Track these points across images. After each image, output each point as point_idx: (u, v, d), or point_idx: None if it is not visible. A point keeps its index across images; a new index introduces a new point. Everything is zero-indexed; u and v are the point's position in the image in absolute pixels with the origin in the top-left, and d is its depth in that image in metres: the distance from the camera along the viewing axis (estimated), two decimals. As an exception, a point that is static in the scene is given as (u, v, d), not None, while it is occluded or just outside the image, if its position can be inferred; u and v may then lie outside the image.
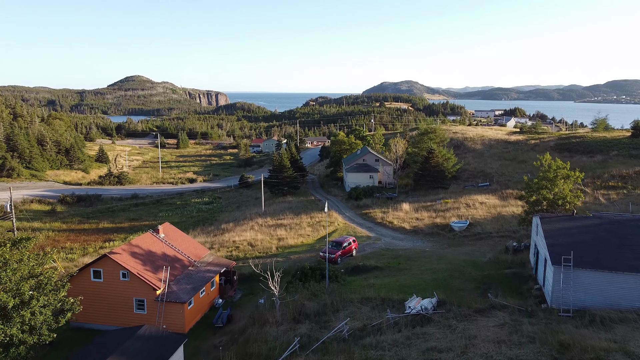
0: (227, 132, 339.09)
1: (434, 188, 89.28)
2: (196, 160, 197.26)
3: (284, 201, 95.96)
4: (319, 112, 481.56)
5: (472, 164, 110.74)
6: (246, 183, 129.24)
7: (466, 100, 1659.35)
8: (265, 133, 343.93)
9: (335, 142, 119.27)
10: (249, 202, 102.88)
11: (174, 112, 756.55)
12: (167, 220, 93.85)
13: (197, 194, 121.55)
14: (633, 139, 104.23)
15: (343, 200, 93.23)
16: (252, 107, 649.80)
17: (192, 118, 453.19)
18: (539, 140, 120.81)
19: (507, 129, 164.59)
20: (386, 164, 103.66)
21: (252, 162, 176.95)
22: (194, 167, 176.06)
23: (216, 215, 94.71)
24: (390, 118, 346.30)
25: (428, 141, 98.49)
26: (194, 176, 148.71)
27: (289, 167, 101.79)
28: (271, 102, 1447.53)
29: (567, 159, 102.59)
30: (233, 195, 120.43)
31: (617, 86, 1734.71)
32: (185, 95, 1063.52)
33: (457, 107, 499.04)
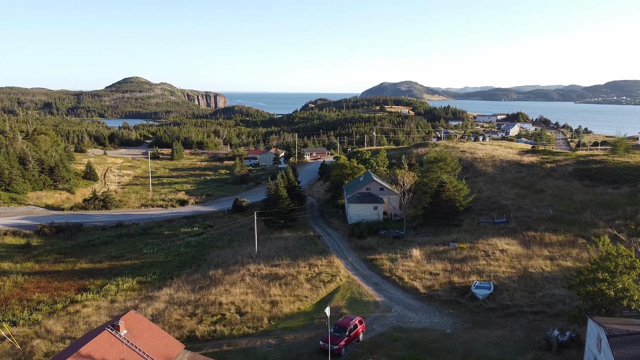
0: (224, 140, 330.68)
1: (445, 226, 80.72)
2: (190, 175, 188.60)
3: (280, 237, 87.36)
4: (318, 117, 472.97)
5: (485, 191, 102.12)
6: (240, 207, 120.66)
7: (466, 100, 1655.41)
8: (264, 141, 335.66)
9: (336, 166, 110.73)
10: (242, 235, 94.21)
11: (172, 115, 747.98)
12: (152, 260, 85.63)
13: (187, 221, 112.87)
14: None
15: (345, 236, 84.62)
16: (251, 110, 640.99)
17: (189, 124, 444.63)
18: (555, 164, 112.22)
19: (518, 146, 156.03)
20: (392, 193, 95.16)
21: (248, 179, 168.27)
22: (187, 184, 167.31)
23: (205, 253, 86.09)
24: (392, 125, 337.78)
25: (438, 170, 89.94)
26: (185, 197, 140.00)
27: (285, 197, 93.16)
28: (270, 103, 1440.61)
29: (589, 189, 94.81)
30: (226, 222, 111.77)
31: (617, 87, 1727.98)
32: (183, 97, 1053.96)
33: (459, 112, 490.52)
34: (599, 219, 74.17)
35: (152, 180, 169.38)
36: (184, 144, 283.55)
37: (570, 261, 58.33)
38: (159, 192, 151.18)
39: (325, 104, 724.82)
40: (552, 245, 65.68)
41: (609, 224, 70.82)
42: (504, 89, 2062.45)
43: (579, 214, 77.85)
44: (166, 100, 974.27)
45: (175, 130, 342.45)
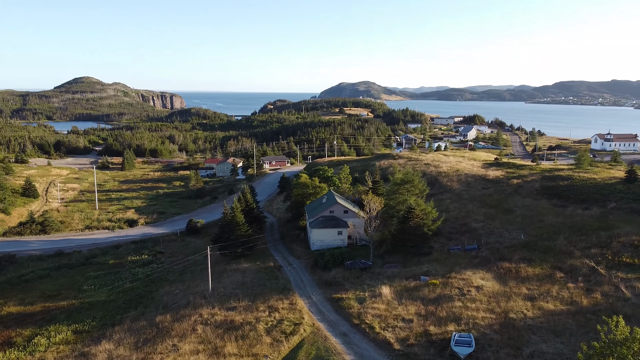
0: (180, 147, 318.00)
1: (415, 255, 75.73)
2: (141, 189, 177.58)
3: (237, 268, 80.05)
4: (277, 120, 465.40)
5: (452, 211, 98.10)
6: (194, 229, 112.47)
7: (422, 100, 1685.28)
8: (221, 146, 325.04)
9: (298, 186, 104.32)
10: (196, 267, 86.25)
11: (125, 117, 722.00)
12: (92, 300, 76.27)
13: (136, 246, 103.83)
14: (628, 184, 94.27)
15: (308, 267, 78.31)
16: (208, 113, 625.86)
17: (143, 128, 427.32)
18: (521, 180, 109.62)
19: (481, 157, 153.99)
20: (357, 215, 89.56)
21: (203, 193, 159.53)
22: (138, 199, 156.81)
23: (154, 289, 77.87)
24: (352, 130, 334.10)
25: (405, 192, 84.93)
26: (135, 216, 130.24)
27: (242, 223, 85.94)
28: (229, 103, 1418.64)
29: (559, 209, 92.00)
30: (178, 248, 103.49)
31: (565, 87, 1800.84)
32: (138, 97, 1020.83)
33: (417, 115, 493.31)
34: (573, 246, 70.84)
35: (100, 195, 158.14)
36: (137, 151, 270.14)
37: (552, 302, 54.18)
38: (106, 209, 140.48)
39: (285, 106, 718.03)
40: (529, 280, 61.49)
41: (584, 253, 67.47)
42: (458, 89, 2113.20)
43: (552, 240, 74.43)
44: (119, 101, 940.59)
45: (128, 136, 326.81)
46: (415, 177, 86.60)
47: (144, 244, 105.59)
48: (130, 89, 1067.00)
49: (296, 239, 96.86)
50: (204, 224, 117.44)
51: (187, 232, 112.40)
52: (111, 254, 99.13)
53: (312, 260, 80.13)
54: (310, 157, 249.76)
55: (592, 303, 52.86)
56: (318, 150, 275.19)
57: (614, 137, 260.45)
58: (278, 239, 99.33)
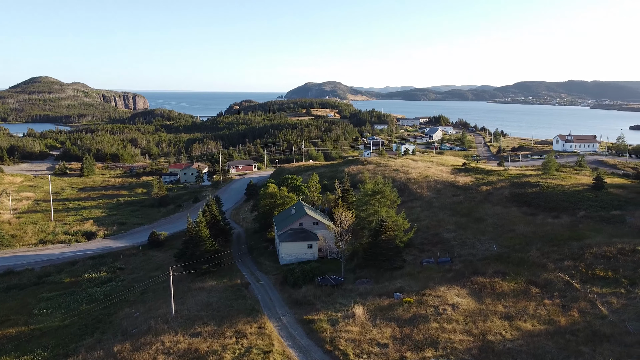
0: (142, 150, 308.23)
1: (387, 269, 73.52)
2: (101, 197, 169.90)
3: (202, 287, 75.96)
4: (243, 122, 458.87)
5: (423, 220, 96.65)
6: (157, 242, 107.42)
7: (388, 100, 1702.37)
8: (186, 150, 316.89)
9: (265, 196, 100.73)
10: (158, 286, 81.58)
11: (85, 118, 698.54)
12: (44, 326, 70.91)
13: (94, 262, 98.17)
14: (595, 191, 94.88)
15: (277, 284, 74.98)
16: (172, 114, 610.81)
17: (104, 130, 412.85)
18: (490, 187, 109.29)
19: (449, 162, 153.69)
20: (327, 227, 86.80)
21: (167, 201, 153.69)
22: (97, 208, 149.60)
23: (113, 312, 73.00)
24: (319, 131, 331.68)
25: (376, 204, 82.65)
26: (93, 228, 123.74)
27: (207, 238, 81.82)
28: (194, 103, 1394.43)
29: (529, 218, 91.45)
30: (140, 263, 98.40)
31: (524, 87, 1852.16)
32: (99, 98, 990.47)
33: (384, 116, 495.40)
34: (546, 258, 70.03)
35: (57, 204, 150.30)
36: (97, 156, 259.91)
37: (529, 321, 52.73)
38: (62, 221, 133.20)
39: (251, 106, 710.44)
40: (505, 296, 60.03)
41: (558, 266, 66.67)
42: (423, 89, 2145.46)
43: (525, 252, 73.55)
44: (79, 102, 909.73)
45: (87, 140, 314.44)
46: (386, 187, 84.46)
47: (102, 259, 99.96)
48: (91, 89, 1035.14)
49: (264, 252, 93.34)
50: (168, 236, 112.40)
51: (149, 245, 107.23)
52: (67, 272, 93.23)
53: (282, 276, 76.82)
54: (278, 161, 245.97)
55: (569, 322, 51.62)
56: (285, 153, 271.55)
57: (575, 139, 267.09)
58: (245, 252, 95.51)
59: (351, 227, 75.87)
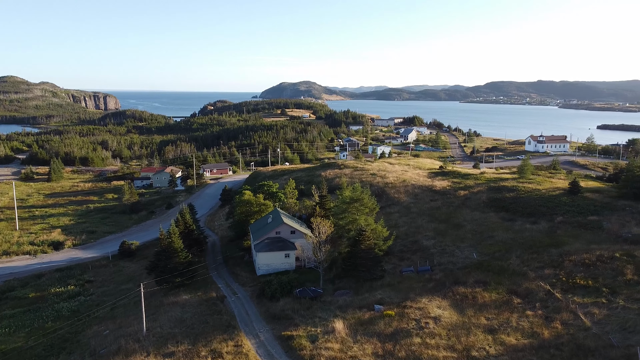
0: (113, 153, 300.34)
1: (367, 280, 72.01)
2: (70, 203, 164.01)
3: (175, 301, 72.99)
4: (217, 123, 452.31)
5: (402, 227, 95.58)
6: (128, 252, 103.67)
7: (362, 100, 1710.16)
8: (159, 152, 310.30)
9: (241, 203, 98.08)
10: (129, 300, 78.21)
11: (54, 120, 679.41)
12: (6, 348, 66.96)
13: (61, 275, 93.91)
14: (571, 196, 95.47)
15: (254, 297, 72.62)
16: (145, 115, 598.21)
17: (73, 132, 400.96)
18: (468, 192, 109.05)
19: (426, 166, 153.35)
20: (305, 235, 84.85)
21: (139, 207, 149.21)
22: (65, 216, 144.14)
23: (80, 330, 69.46)
24: (295, 133, 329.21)
25: (355, 212, 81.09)
26: (61, 237, 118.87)
27: (181, 249, 78.86)
28: (167, 103, 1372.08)
29: (508, 224, 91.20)
30: (110, 275, 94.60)
31: (495, 87, 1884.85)
32: (68, 98, 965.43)
33: (359, 116, 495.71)
34: (526, 266, 69.63)
35: (22, 212, 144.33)
36: (65, 160, 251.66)
37: (513, 335, 51.81)
38: (28, 230, 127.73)
39: (225, 107, 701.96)
40: (487, 308, 59.12)
41: (538, 274, 66.24)
42: (396, 88, 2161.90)
43: (505, 260, 73.04)
44: (47, 102, 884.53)
45: (56, 142, 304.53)
46: (365, 194, 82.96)
47: (70, 271, 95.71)
48: (60, 88, 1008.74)
49: (240, 262, 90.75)
50: (140, 245, 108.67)
51: (120, 255, 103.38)
52: (32, 286, 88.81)
53: (259, 288, 74.50)
54: (253, 164, 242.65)
55: (553, 335, 50.90)
56: (261, 155, 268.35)
57: (546, 139, 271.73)
58: (221, 262, 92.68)
59: (330, 237, 74.10)
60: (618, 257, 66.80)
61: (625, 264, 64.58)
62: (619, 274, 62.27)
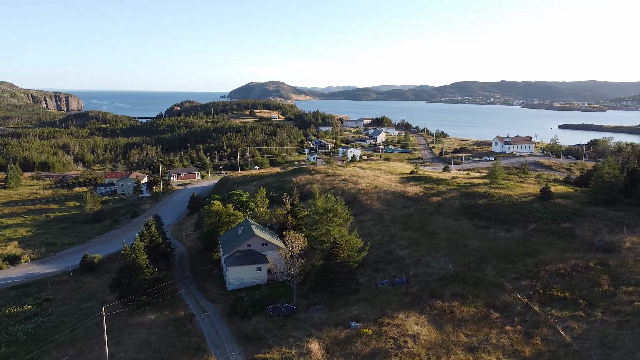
0: (75, 157, 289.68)
1: (342, 294, 69.85)
2: (28, 212, 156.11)
3: (141, 322, 69.11)
4: (185, 124, 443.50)
5: (375, 235, 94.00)
6: (90, 266, 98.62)
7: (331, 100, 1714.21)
8: (123, 156, 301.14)
9: (210, 214, 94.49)
10: (91, 321, 73.75)
11: (12, 121, 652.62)
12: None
13: (17, 293, 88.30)
14: (543, 202, 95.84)
15: (224, 316, 69.48)
16: (109, 116, 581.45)
17: (33, 135, 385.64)
18: (440, 198, 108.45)
19: (397, 170, 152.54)
20: (277, 247, 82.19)
21: (102, 217, 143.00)
22: (22, 227, 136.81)
23: (37, 356, 64.87)
24: (264, 135, 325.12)
25: (328, 223, 78.83)
26: (17, 250, 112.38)
27: (146, 265, 74.93)
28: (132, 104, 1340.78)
29: (481, 231, 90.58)
30: (70, 292, 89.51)
31: (461, 87, 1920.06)
32: (27, 99, 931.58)
33: (328, 117, 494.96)
34: (502, 277, 68.83)
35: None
36: (23, 165, 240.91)
37: (494, 353, 50.50)
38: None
39: (193, 108, 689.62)
40: (465, 323, 57.74)
41: (515, 286, 65.43)
42: (364, 88, 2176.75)
43: (481, 270, 72.14)
44: (5, 103, 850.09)
45: (13, 146, 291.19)
46: (338, 205, 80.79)
47: (27, 289, 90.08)
48: (19, 88, 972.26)
49: (210, 276, 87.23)
50: (103, 258, 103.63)
51: (81, 270, 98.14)
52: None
53: (230, 305, 71.40)
54: (222, 168, 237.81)
55: (534, 352, 49.79)
56: (230, 158, 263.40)
57: (512, 140, 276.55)
58: (189, 276, 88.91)
59: (303, 251, 71.65)
60: (593, 266, 66.67)
61: (600, 273, 64.44)
62: (595, 285, 61.99)
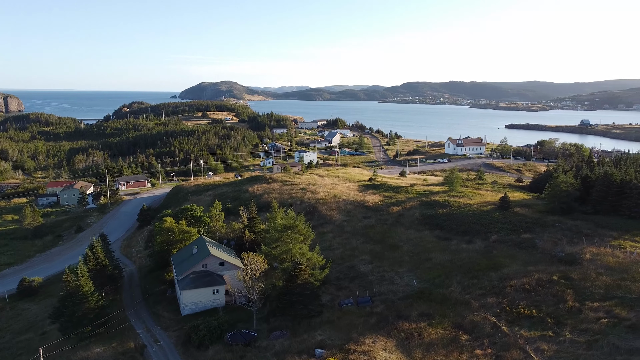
0: (15, 164, 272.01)
1: (305, 317, 66.52)
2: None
3: (85, 357, 63.22)
4: (134, 127, 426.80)
5: (337, 249, 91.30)
6: (29, 290, 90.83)
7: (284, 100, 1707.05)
8: (67, 162, 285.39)
9: (161, 232, 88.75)
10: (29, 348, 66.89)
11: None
12: None
13: (-56, 326, 79.72)
14: (502, 211, 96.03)
15: (179, 345, 64.68)
16: (52, 118, 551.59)
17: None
18: (400, 207, 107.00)
19: (355, 177, 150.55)
20: (234, 266, 77.96)
21: (43, 231, 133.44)
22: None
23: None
24: (217, 139, 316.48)
25: (289, 240, 75.24)
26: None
27: (91, 293, 68.88)
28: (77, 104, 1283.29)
29: (444, 243, 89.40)
30: (6, 322, 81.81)
31: (411, 87, 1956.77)
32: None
33: (282, 119, 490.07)
34: (468, 293, 67.53)
35: None
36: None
37: (465, 381, 48.62)
38: None
39: (142, 109, 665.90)
40: (434, 347, 55.67)
41: (481, 303, 64.18)
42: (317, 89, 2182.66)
43: (445, 287, 70.62)
44: None
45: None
46: (299, 221, 77.32)
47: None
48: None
49: (162, 299, 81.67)
50: (44, 280, 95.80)
51: (19, 294, 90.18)
52: None
53: (184, 333, 66.56)
54: (174, 175, 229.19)
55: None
56: (182, 164, 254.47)
57: (464, 142, 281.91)
58: (140, 299, 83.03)
59: (263, 273, 67.85)
60: (556, 280, 66.42)
61: (565, 288, 64.16)
62: (561, 301, 61.55)
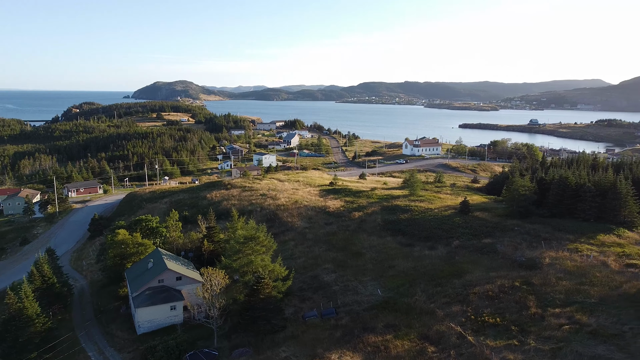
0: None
1: (268, 332, 64.31)
2: None
3: (32, 385, 58.83)
4: (84, 129, 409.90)
5: (299, 258, 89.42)
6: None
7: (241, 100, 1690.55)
8: (12, 167, 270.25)
9: (114, 245, 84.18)
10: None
11: None
12: None
13: None
14: (463, 215, 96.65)
15: (135, 368, 61.15)
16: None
17: None
18: (362, 213, 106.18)
19: (316, 181, 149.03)
20: (193, 280, 74.80)
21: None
22: None
23: None
24: (173, 141, 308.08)
25: (250, 252, 72.75)
26: None
27: (37, 315, 64.27)
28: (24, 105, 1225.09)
29: (406, 250, 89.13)
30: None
31: (368, 88, 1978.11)
32: None
33: (240, 121, 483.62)
34: (433, 302, 67.07)
35: None
36: None
37: (434, 397, 47.75)
38: None
39: (93, 110, 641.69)
40: (401, 360, 54.74)
41: (446, 312, 63.77)
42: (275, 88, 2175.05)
43: (410, 295, 69.97)
44: None
45: None
46: (261, 232, 74.95)
47: None
48: None
49: (116, 317, 77.35)
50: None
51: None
52: None
53: (140, 354, 63.09)
54: (128, 180, 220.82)
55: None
56: (136, 168, 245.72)
57: (421, 143, 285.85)
58: (91, 317, 78.36)
59: (224, 289, 65.14)
60: (518, 286, 66.90)
61: (527, 294, 64.64)
62: (523, 307, 61.86)
